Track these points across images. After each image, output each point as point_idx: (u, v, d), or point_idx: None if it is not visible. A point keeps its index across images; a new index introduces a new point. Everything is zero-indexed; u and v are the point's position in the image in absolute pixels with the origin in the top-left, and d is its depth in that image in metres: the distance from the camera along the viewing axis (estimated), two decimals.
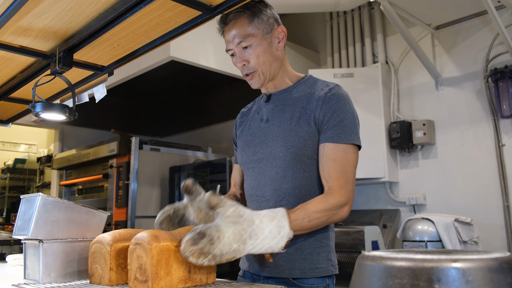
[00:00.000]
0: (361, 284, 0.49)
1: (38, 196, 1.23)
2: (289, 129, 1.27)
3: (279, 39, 1.31)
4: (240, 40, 1.26)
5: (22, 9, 1.18)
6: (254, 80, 1.32)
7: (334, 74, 3.56)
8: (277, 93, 1.36)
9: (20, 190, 6.52)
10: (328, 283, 1.25)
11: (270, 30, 1.29)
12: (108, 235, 1.14)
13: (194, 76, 4.06)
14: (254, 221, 1.01)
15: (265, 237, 1.01)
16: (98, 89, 1.81)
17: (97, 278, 1.14)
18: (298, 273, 1.22)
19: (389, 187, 3.58)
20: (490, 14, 2.71)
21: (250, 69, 1.29)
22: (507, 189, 3.00)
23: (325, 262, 1.24)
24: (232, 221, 0.98)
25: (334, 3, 3.29)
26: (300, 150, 1.25)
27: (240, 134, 1.44)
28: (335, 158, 1.21)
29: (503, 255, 0.46)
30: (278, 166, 1.27)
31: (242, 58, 1.28)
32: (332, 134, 1.22)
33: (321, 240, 1.25)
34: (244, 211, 1.01)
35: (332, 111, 1.23)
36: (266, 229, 1.02)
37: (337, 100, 1.25)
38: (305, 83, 1.35)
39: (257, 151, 1.33)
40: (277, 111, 1.33)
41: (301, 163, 1.25)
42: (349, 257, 2.87)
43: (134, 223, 3.55)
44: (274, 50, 1.30)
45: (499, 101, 3.02)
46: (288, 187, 1.26)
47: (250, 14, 1.26)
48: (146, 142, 3.92)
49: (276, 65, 1.32)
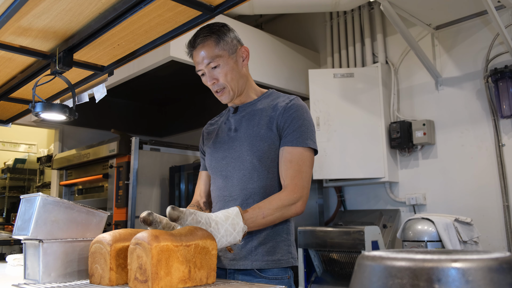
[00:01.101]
0: (361, 284, 0.49)
1: (38, 196, 1.23)
2: (255, 134, 1.41)
3: (243, 58, 1.46)
4: (209, 60, 1.39)
5: (22, 9, 1.18)
6: (224, 96, 1.46)
7: (334, 74, 3.56)
8: (243, 105, 1.51)
9: (20, 190, 6.52)
10: (290, 275, 1.40)
11: (234, 51, 1.43)
12: (108, 235, 1.14)
13: (194, 76, 4.05)
14: (211, 224, 1.14)
15: (222, 236, 1.15)
16: (98, 89, 1.81)
17: (97, 278, 1.14)
18: (261, 265, 1.35)
19: (389, 187, 3.58)
20: (490, 14, 2.71)
21: (220, 86, 1.43)
22: (507, 189, 3.00)
23: (286, 254, 1.38)
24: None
25: (334, 3, 3.29)
26: (265, 153, 1.39)
27: (207, 143, 1.57)
28: (292, 159, 1.36)
29: (503, 255, 0.46)
30: (245, 169, 1.41)
31: (212, 77, 1.42)
32: (291, 139, 1.37)
33: (281, 235, 1.39)
34: (201, 217, 1.14)
35: (291, 118, 1.39)
36: (222, 229, 1.16)
37: (296, 109, 1.40)
38: (269, 97, 1.50)
39: (226, 155, 1.46)
40: (244, 120, 1.47)
41: (266, 165, 1.39)
42: (349, 257, 2.87)
43: (134, 223, 3.54)
44: (240, 68, 1.45)
45: (499, 101, 3.02)
46: (254, 187, 1.39)
47: (216, 37, 1.40)
48: (146, 142, 3.91)
49: (242, 81, 1.47)
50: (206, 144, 1.59)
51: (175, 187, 3.82)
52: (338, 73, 3.57)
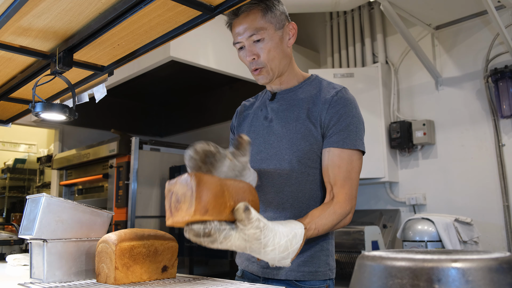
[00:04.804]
0: (361, 284, 0.49)
1: (42, 197, 1.24)
2: (295, 130, 1.25)
3: (290, 36, 1.29)
4: (252, 32, 1.22)
5: (22, 9, 1.18)
6: (261, 76, 1.28)
7: (334, 74, 3.56)
8: (282, 92, 1.33)
9: (20, 190, 6.52)
10: (329, 284, 1.25)
11: (282, 26, 1.26)
12: (114, 235, 1.16)
13: (194, 76, 4.06)
14: (268, 247, 0.96)
15: (270, 258, 0.99)
16: (98, 89, 1.80)
17: (103, 277, 1.16)
18: (297, 276, 1.22)
19: (389, 187, 3.58)
20: (490, 14, 2.71)
21: (259, 64, 1.25)
22: (507, 189, 3.00)
23: (324, 266, 1.24)
24: (246, 239, 0.93)
25: (334, 3, 3.29)
26: (306, 154, 1.23)
27: (241, 129, 1.42)
28: (341, 164, 1.20)
29: (503, 255, 0.46)
30: (282, 169, 1.25)
31: (252, 52, 1.24)
32: (337, 139, 1.21)
33: (321, 245, 1.25)
34: (264, 235, 0.95)
35: (338, 115, 1.22)
36: (274, 256, 0.98)
37: (344, 104, 1.23)
38: (311, 84, 1.32)
39: (261, 150, 1.30)
40: (281, 111, 1.30)
41: (305, 167, 1.24)
42: (349, 257, 2.87)
43: (134, 223, 3.54)
44: (284, 46, 1.27)
45: (499, 101, 3.02)
46: (291, 191, 1.24)
47: (264, 7, 1.23)
48: (146, 142, 3.91)
49: (285, 62, 1.29)
50: (238, 130, 1.43)
51: None
52: (338, 73, 3.57)
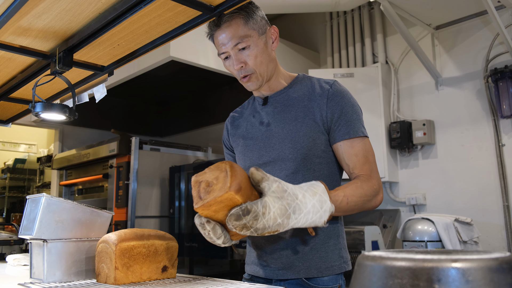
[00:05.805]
0: (361, 284, 0.49)
1: (42, 197, 1.24)
2: (296, 130, 1.25)
3: (273, 39, 1.31)
4: (237, 41, 1.22)
5: (22, 9, 1.18)
6: (251, 82, 1.28)
7: (334, 74, 3.56)
8: (274, 95, 1.34)
9: (20, 190, 6.52)
10: (341, 284, 1.26)
11: (264, 31, 1.28)
12: (114, 235, 1.16)
13: (194, 76, 4.06)
14: (298, 196, 0.98)
15: (308, 211, 0.99)
16: (98, 89, 1.80)
17: (103, 277, 1.16)
18: (315, 273, 1.22)
19: (389, 187, 3.58)
20: (490, 14, 2.71)
21: (248, 71, 1.26)
22: (507, 189, 3.00)
23: (338, 259, 1.25)
24: (278, 196, 0.96)
25: (334, 3, 3.29)
26: (310, 150, 1.24)
27: (237, 139, 1.41)
28: (357, 152, 1.23)
29: (503, 255, 0.46)
30: (287, 168, 1.25)
31: (239, 60, 1.24)
32: (346, 131, 1.23)
33: (334, 238, 1.26)
34: (287, 186, 0.98)
35: (340, 107, 1.24)
36: (309, 203, 0.99)
37: (341, 96, 1.26)
38: (301, 82, 1.34)
39: (262, 154, 1.30)
40: (277, 113, 1.31)
41: (311, 163, 1.25)
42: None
43: (134, 223, 3.54)
44: (269, 50, 1.29)
45: (499, 101, 3.02)
46: None
47: (244, 15, 1.23)
48: (146, 142, 3.91)
49: (272, 65, 1.30)
50: (234, 140, 1.42)
51: (175, 187, 3.82)
52: (338, 73, 3.57)
